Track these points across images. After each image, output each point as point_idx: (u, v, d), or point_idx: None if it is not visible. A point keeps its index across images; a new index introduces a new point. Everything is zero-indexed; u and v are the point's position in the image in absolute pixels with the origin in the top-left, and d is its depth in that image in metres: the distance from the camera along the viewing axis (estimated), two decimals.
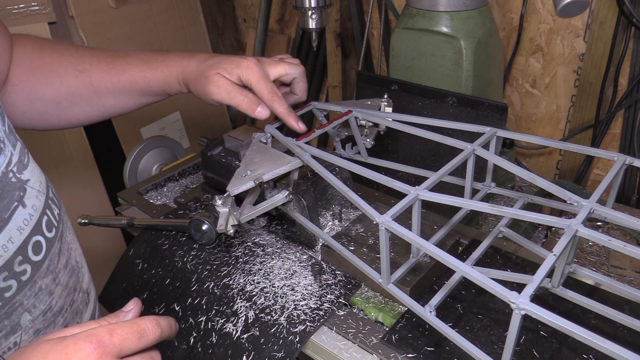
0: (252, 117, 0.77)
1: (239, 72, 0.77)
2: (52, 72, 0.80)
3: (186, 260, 0.82)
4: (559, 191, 0.60)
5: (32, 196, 0.58)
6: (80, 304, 0.65)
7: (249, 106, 0.76)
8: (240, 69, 0.76)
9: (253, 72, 0.76)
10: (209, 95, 0.77)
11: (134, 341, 0.48)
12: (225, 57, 0.79)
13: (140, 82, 0.82)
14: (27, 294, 0.56)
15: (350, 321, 0.70)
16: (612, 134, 1.16)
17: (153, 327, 0.49)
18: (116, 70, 0.82)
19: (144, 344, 0.49)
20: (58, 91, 0.80)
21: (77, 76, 0.81)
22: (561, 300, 0.65)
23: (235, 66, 0.77)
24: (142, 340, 0.49)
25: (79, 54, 0.82)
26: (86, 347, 0.45)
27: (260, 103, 0.77)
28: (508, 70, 1.25)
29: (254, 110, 0.76)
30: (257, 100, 0.77)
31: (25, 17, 1.38)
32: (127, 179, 1.14)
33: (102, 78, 0.81)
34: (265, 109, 0.77)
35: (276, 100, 0.77)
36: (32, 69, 0.78)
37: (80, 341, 0.46)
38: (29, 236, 0.56)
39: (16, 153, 0.59)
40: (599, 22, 1.06)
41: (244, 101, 0.76)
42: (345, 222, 0.87)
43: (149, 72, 0.81)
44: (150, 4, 1.60)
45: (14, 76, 0.77)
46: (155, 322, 0.50)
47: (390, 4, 1.31)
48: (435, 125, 0.78)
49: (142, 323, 0.49)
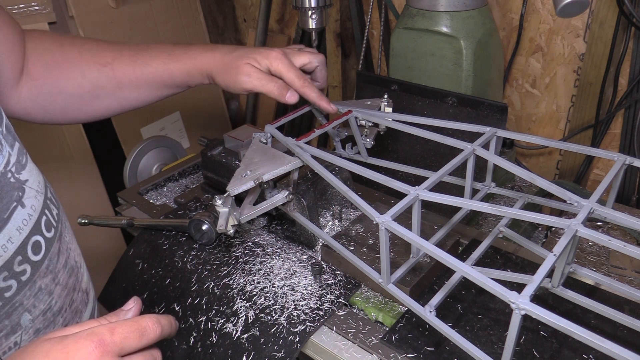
0: (283, 102, 0.81)
1: (267, 62, 0.80)
2: (73, 66, 0.80)
3: (186, 260, 0.82)
4: (559, 191, 0.60)
5: (30, 196, 0.58)
6: (80, 304, 0.65)
7: (280, 92, 0.80)
8: (269, 59, 0.80)
9: (282, 62, 0.80)
10: (241, 84, 0.80)
11: (134, 339, 0.48)
12: (252, 48, 0.83)
13: (163, 74, 0.83)
14: (27, 294, 0.56)
15: (350, 321, 0.70)
16: (612, 134, 1.16)
17: (154, 325, 0.50)
18: (139, 63, 0.83)
19: (144, 342, 0.49)
20: (80, 85, 0.81)
21: (99, 69, 0.81)
22: (561, 300, 0.65)
23: (264, 57, 0.80)
24: (143, 338, 0.49)
25: (100, 48, 0.83)
26: (87, 346, 0.45)
27: (290, 89, 0.80)
28: (508, 70, 1.25)
29: (285, 95, 0.80)
30: (286, 87, 0.80)
31: (25, 17, 1.38)
32: (127, 179, 1.14)
33: (125, 71, 0.82)
34: (295, 95, 0.81)
35: (307, 86, 0.81)
36: (53, 64, 0.79)
37: (81, 340, 0.46)
38: (28, 236, 0.56)
39: (14, 153, 0.59)
40: (599, 22, 1.06)
41: (275, 87, 0.79)
42: (345, 222, 0.87)
43: (172, 65, 0.83)
44: (150, 4, 1.60)
45: (34, 71, 0.78)
46: (155, 321, 0.50)
47: (390, 4, 1.31)
48: (435, 125, 0.78)
49: (142, 321, 0.49)
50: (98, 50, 0.82)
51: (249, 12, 1.91)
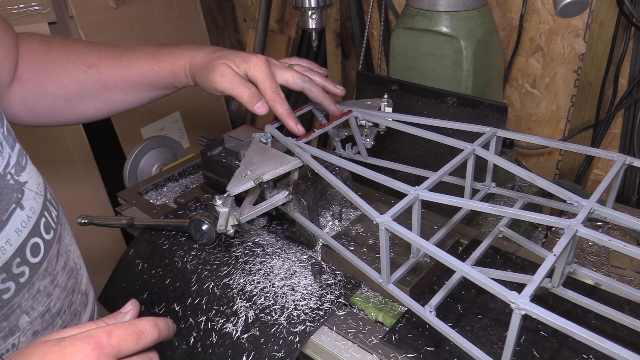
0: (251, 110, 0.77)
1: (246, 66, 0.77)
2: (60, 68, 0.80)
3: (186, 260, 0.82)
4: (559, 191, 0.60)
5: (30, 198, 0.58)
6: (79, 306, 0.65)
7: (250, 100, 0.76)
8: (248, 64, 0.77)
9: (260, 70, 0.76)
10: (213, 84, 0.77)
11: (132, 342, 0.48)
12: (235, 51, 0.80)
13: (148, 75, 0.82)
14: (25, 296, 0.56)
15: (350, 321, 0.70)
16: (612, 134, 1.16)
17: (151, 328, 0.50)
18: (124, 64, 0.82)
19: (142, 344, 0.49)
20: (67, 87, 0.81)
21: (85, 71, 0.81)
22: (561, 300, 0.65)
23: (244, 60, 0.77)
24: (140, 341, 0.49)
25: (87, 50, 0.83)
26: (84, 348, 0.45)
27: (262, 99, 0.76)
28: (508, 70, 1.25)
29: (254, 104, 0.76)
30: (259, 96, 0.76)
31: (25, 17, 1.38)
32: (127, 179, 1.14)
33: (110, 72, 0.82)
34: (265, 106, 0.76)
35: (278, 100, 0.76)
36: (41, 67, 0.79)
37: (78, 342, 0.46)
38: (27, 238, 0.56)
39: (14, 155, 0.59)
40: (599, 22, 1.06)
41: (246, 93, 0.75)
42: (345, 222, 0.87)
43: (157, 65, 0.82)
44: (150, 4, 1.60)
45: (23, 74, 0.78)
46: (153, 323, 0.50)
47: (390, 4, 1.31)
48: (435, 125, 0.78)
49: (140, 324, 0.49)
50: (84, 52, 0.82)
51: (249, 12, 1.91)
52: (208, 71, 0.77)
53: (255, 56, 0.77)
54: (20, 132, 0.65)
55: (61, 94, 0.81)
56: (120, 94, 0.84)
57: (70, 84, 0.81)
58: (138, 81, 0.83)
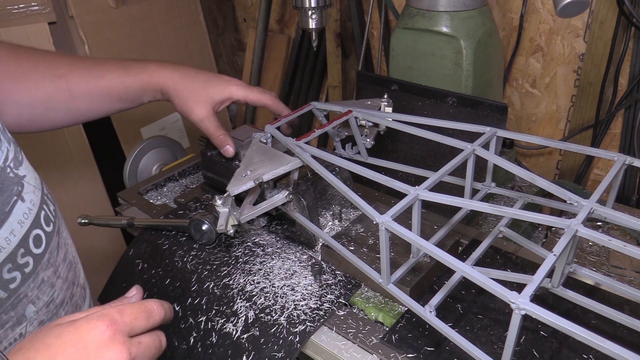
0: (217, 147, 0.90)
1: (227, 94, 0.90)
2: (27, 76, 0.81)
3: (186, 260, 0.82)
4: (559, 191, 0.60)
5: (29, 191, 0.59)
6: (79, 298, 0.67)
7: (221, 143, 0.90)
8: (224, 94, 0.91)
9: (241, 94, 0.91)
10: (190, 116, 0.90)
11: (143, 320, 0.51)
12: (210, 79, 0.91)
13: (118, 87, 0.86)
14: (30, 286, 0.57)
15: (350, 321, 0.70)
16: (612, 134, 1.16)
17: (158, 307, 0.53)
18: (95, 76, 0.85)
19: (151, 323, 0.52)
20: (33, 96, 0.81)
21: (53, 81, 0.82)
22: (561, 300, 0.65)
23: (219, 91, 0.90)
24: (150, 319, 0.52)
25: (57, 61, 0.84)
26: (99, 325, 0.48)
27: (230, 142, 0.90)
28: (508, 70, 1.25)
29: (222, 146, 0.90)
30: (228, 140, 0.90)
31: (25, 17, 1.37)
32: (127, 179, 1.14)
33: (79, 82, 0.84)
34: (230, 151, 0.90)
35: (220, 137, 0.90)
36: (8, 75, 0.79)
37: (93, 320, 0.48)
38: (29, 229, 0.57)
39: (12, 150, 0.60)
40: (599, 22, 1.06)
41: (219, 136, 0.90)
42: (345, 222, 0.87)
43: (128, 79, 0.86)
44: (150, 4, 1.60)
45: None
46: (159, 304, 0.54)
47: (390, 4, 1.31)
48: (435, 125, 0.78)
49: (148, 304, 0.53)
50: (54, 63, 0.84)
51: (249, 12, 1.91)
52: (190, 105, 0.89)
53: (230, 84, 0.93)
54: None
55: (27, 102, 0.81)
56: (86, 104, 0.86)
57: (37, 92, 0.81)
58: (106, 93, 0.86)
